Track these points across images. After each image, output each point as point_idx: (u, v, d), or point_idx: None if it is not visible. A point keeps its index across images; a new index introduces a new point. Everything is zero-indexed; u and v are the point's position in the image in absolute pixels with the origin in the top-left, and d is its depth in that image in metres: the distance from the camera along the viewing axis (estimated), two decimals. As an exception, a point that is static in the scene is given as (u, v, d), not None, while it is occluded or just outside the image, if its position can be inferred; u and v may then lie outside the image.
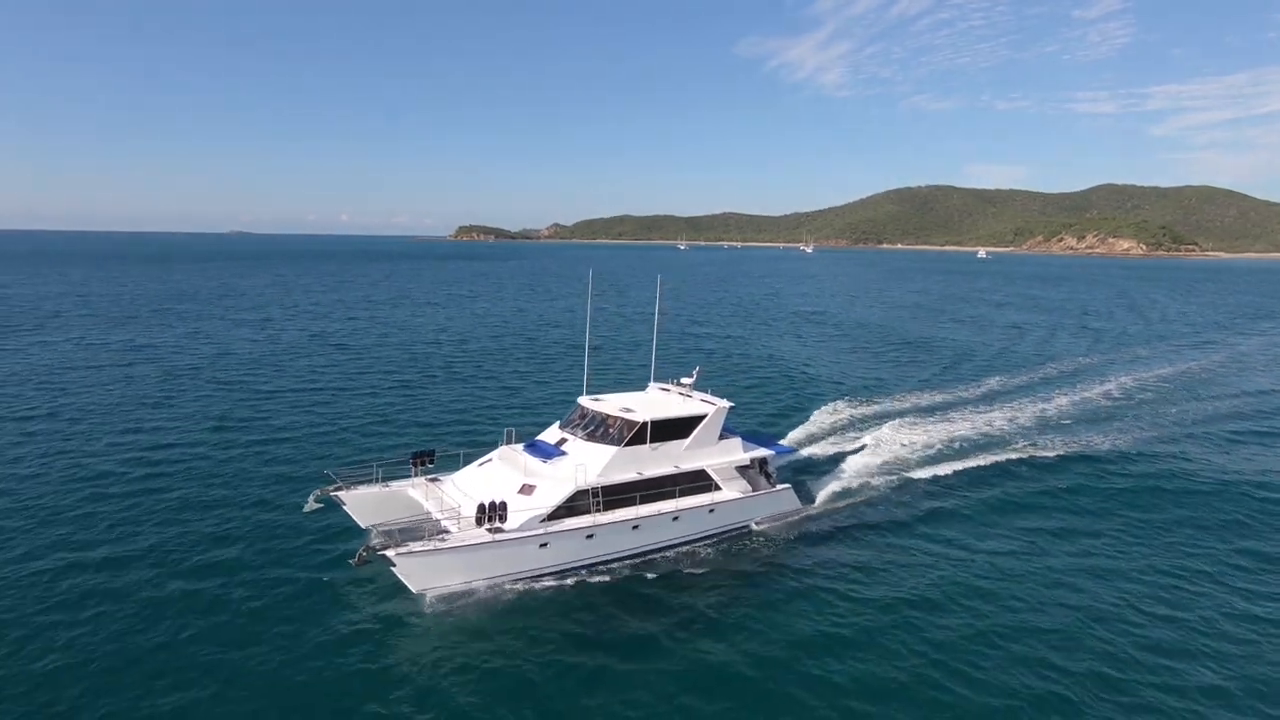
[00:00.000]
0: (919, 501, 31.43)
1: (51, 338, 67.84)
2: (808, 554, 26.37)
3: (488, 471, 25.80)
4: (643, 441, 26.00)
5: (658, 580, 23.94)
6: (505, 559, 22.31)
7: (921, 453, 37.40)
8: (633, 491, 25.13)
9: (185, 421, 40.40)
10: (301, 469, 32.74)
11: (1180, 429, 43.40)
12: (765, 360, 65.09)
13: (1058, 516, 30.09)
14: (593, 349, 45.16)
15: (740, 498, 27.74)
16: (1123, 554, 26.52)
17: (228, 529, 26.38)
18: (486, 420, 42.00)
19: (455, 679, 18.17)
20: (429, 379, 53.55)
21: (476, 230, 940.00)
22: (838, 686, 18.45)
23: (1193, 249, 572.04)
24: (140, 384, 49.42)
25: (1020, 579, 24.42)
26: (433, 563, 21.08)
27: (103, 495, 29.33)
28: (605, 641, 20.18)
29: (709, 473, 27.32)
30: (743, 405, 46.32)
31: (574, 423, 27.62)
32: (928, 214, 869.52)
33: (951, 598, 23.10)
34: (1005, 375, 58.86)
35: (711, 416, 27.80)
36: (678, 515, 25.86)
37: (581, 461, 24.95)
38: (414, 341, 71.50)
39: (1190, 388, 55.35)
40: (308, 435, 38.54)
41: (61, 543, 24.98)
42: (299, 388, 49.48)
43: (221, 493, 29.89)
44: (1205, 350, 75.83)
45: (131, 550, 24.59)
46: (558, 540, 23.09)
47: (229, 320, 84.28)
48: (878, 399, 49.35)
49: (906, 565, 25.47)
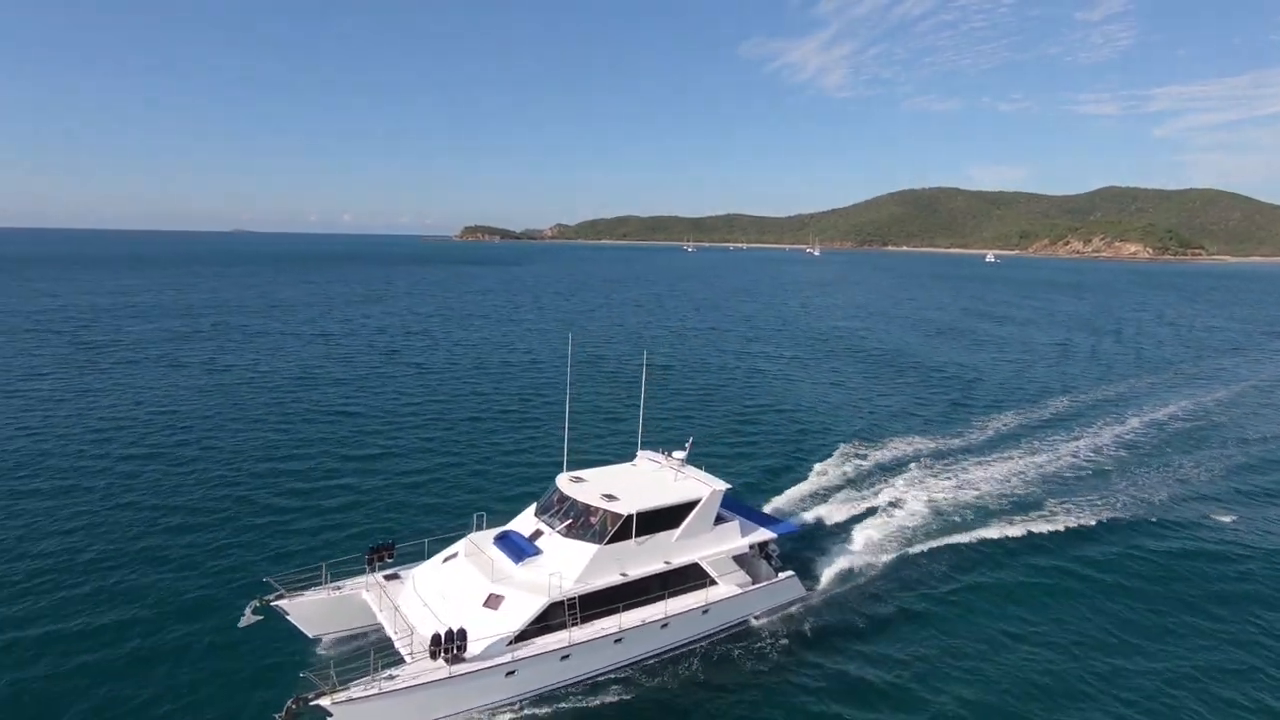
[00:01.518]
0: (940, 583, 28.39)
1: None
2: (812, 655, 23.39)
3: (451, 571, 22.78)
4: (628, 536, 22.99)
5: (638, 701, 20.95)
6: (465, 695, 19.28)
7: (945, 517, 34.27)
8: (616, 599, 22.11)
9: (103, 498, 33.89)
10: (238, 571, 27.25)
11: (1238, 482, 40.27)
12: (772, 394, 61.92)
13: (1112, 603, 27.03)
14: (574, 413, 39.25)
15: (738, 593, 24.69)
16: (1197, 653, 23.43)
17: (142, 649, 22.41)
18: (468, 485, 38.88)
19: None
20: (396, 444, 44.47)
21: (482, 230, 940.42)
22: None
23: (1199, 253, 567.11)
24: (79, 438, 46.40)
25: (1058, 687, 21.38)
26: (379, 708, 18.04)
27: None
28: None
29: (703, 566, 24.29)
30: (743, 454, 43.41)
31: (551, 509, 24.58)
32: (932, 216, 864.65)
33: (969, 693, 20.14)
34: (1040, 409, 55.71)
35: (706, 501, 24.75)
36: (667, 622, 22.81)
37: (557, 566, 21.93)
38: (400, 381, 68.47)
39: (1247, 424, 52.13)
40: (246, 523, 31.46)
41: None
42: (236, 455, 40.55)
43: (138, 602, 24.87)
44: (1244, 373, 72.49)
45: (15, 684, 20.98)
46: (527, 666, 20.06)
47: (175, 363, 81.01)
48: (896, 442, 46.12)
49: (925, 666, 22.48)
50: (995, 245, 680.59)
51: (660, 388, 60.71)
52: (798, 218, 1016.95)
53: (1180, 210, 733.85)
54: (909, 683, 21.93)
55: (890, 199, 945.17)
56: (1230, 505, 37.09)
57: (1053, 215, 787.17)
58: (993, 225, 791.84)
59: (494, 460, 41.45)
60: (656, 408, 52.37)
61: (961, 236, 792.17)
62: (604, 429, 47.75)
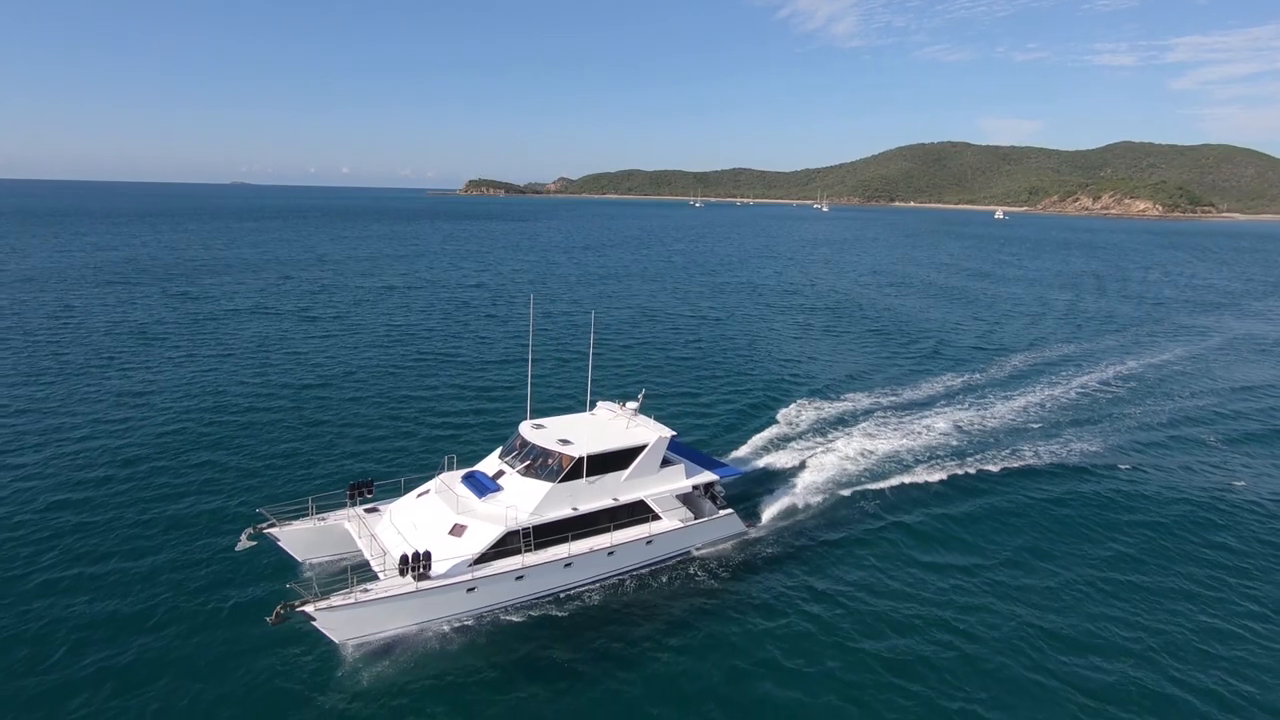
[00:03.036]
0: (871, 520, 31.54)
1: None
2: (745, 582, 26.58)
3: (423, 505, 25.90)
4: (579, 476, 26.01)
5: (586, 617, 24.21)
6: (430, 606, 22.53)
7: (886, 464, 37.24)
8: (566, 529, 25.23)
9: (106, 446, 36.80)
10: (234, 500, 31.05)
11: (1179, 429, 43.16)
12: (752, 351, 64.69)
13: (1022, 534, 30.16)
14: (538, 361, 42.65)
15: (680, 527, 27.82)
16: (1088, 583, 26.56)
17: (153, 568, 25.88)
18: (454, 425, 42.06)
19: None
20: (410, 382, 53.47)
21: (486, 185, 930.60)
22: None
23: (1209, 210, 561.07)
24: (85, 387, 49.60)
25: (971, 608, 24.58)
26: (355, 615, 21.30)
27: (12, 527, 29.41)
28: (529, 682, 20.55)
29: (648, 503, 27.37)
30: (706, 406, 46.37)
31: (514, 452, 27.59)
32: (941, 171, 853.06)
33: (884, 625, 23.38)
34: (1000, 367, 58.48)
35: (652, 447, 27.72)
36: (613, 550, 25.99)
37: (514, 500, 25.02)
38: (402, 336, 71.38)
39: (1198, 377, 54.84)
40: (242, 463, 35.12)
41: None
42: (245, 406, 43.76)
43: (148, 531, 28.38)
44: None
45: (40, 600, 24.19)
46: (486, 584, 23.28)
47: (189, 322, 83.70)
48: (856, 396, 49.05)
49: (846, 591, 25.67)
50: (1004, 202, 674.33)
51: (668, 350, 63.57)
52: (804, 172, 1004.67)
53: (1194, 166, 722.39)
54: (832, 610, 24.97)
55: (898, 153, 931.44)
56: (1144, 454, 39.97)
57: (1064, 171, 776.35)
58: (1002, 181, 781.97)
59: (467, 410, 44.98)
60: (659, 368, 55.36)
61: (970, 192, 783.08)
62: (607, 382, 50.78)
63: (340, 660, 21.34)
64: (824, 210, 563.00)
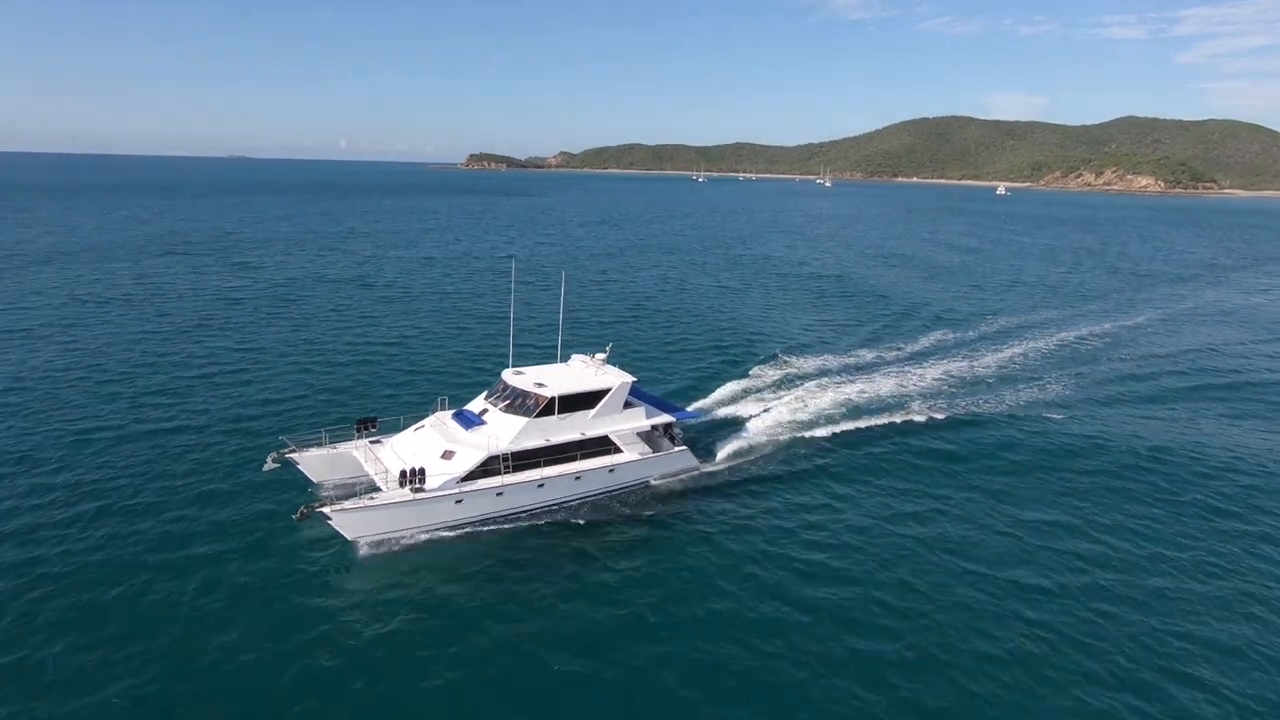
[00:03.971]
0: (809, 459, 36.26)
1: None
2: (692, 506, 31.35)
3: (419, 437, 30.66)
4: (552, 413, 30.70)
5: (555, 529, 29.02)
6: (424, 513, 27.36)
7: (835, 414, 41.91)
8: (539, 456, 29.99)
9: (158, 389, 43.69)
10: (264, 431, 36.94)
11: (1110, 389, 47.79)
12: (726, 317, 69.26)
13: (934, 476, 34.83)
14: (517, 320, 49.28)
15: (638, 459, 32.56)
16: (991, 513, 31.21)
17: (198, 485, 31.18)
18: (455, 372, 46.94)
19: (380, 607, 23.41)
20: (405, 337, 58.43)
21: (488, 159, 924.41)
22: (687, 620, 23.54)
23: (1211, 186, 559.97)
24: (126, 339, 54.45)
25: (874, 535, 29.29)
26: (363, 517, 26.15)
27: (88, 441, 34.78)
28: (503, 577, 25.36)
29: (611, 438, 32.08)
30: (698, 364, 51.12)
31: (497, 394, 32.28)
32: (944, 146, 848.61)
33: (812, 545, 28.15)
34: (960, 333, 63.03)
35: (615, 390, 32.38)
36: (579, 475, 30.78)
37: (496, 431, 29.75)
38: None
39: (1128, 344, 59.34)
40: (271, 400, 42.27)
41: (39, 488, 30.28)
42: (281, 350, 53.02)
43: (192, 455, 34.20)
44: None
45: (107, 496, 29.89)
46: (471, 498, 28.10)
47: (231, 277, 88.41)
48: (814, 357, 53.69)
49: (782, 514, 30.41)
50: (1007, 177, 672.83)
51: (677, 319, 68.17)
52: (807, 147, 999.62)
53: (1198, 142, 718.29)
54: (767, 530, 29.66)
55: (901, 128, 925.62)
56: (1080, 407, 44.60)
57: (1068, 146, 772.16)
58: (1006, 156, 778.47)
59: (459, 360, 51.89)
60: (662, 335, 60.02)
61: (973, 168, 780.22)
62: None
63: (352, 555, 26.21)
64: (827, 186, 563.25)
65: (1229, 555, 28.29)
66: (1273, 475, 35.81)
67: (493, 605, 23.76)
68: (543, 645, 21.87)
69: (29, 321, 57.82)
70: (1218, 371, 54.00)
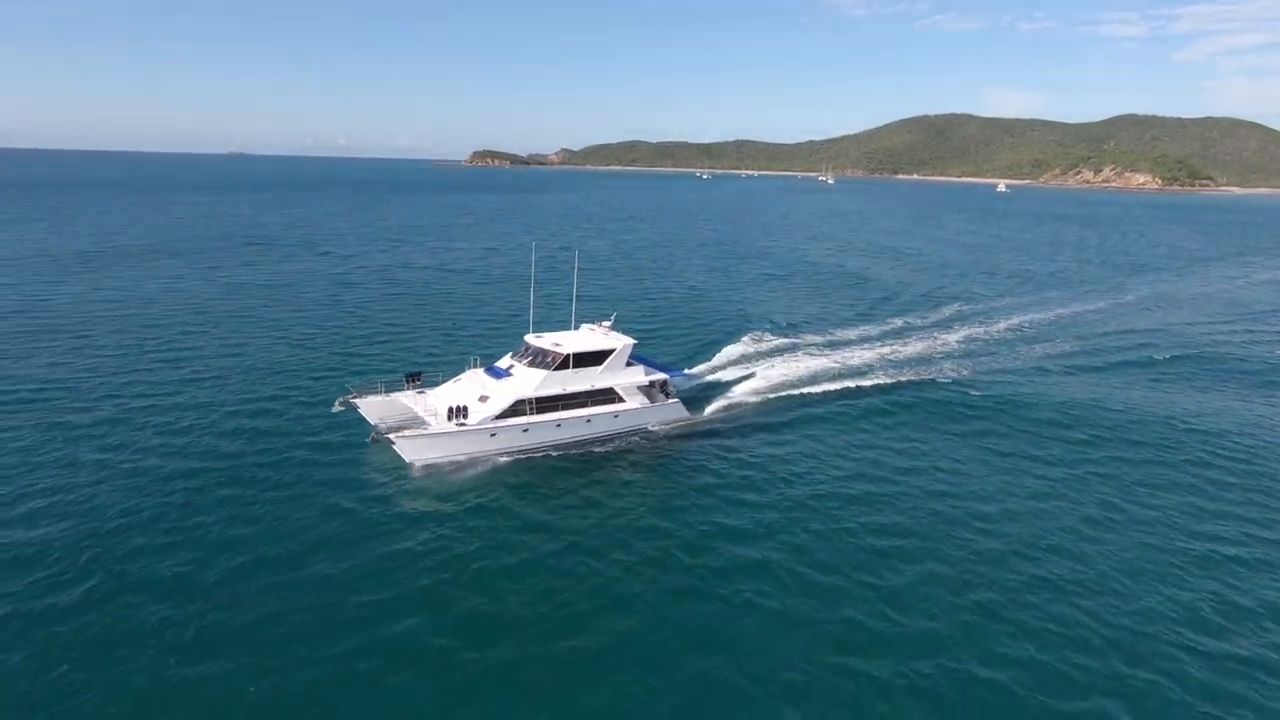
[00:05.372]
0: (786, 412, 42.85)
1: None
2: (682, 447, 37.91)
3: (459, 386, 37.29)
4: (567, 367, 37.29)
5: (572, 461, 35.60)
6: (467, 442, 34.00)
7: (815, 377, 48.69)
8: (558, 401, 36.60)
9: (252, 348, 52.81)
10: (331, 384, 44.52)
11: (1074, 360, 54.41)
12: (720, 295, 75.90)
13: (896, 429, 41.23)
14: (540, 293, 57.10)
15: (639, 408, 39.18)
16: (957, 462, 37.71)
17: (284, 417, 38.67)
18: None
19: (434, 512, 29.99)
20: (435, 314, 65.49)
21: (492, 155, 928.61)
22: (678, 524, 30.11)
23: (1207, 183, 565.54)
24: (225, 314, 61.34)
25: (826, 474, 35.86)
26: (419, 444, 32.80)
27: (197, 379, 41.91)
28: (531, 496, 31.87)
29: (616, 390, 38.66)
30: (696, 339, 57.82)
31: (521, 353, 38.88)
32: (944, 143, 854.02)
33: (775, 479, 34.67)
34: (934, 314, 69.60)
35: (619, 350, 38.98)
36: (590, 419, 37.40)
37: (522, 381, 36.37)
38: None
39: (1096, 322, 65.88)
40: (337, 354, 52.49)
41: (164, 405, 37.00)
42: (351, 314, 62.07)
43: (280, 395, 42.60)
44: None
45: (213, 416, 37.20)
46: (503, 432, 34.73)
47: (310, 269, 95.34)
48: (796, 334, 60.33)
49: (758, 453, 36.94)
50: (1007, 174, 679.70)
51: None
52: (808, 144, 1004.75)
53: (1197, 140, 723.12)
54: (745, 466, 35.99)
55: (902, 125, 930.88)
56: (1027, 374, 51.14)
57: (1067, 144, 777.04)
58: (1005, 153, 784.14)
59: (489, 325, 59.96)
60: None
61: (974, 165, 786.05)
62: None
63: (409, 474, 32.85)
64: (830, 183, 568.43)
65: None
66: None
67: (522, 515, 30.17)
68: (559, 546, 28.06)
69: (186, 304, 65.18)
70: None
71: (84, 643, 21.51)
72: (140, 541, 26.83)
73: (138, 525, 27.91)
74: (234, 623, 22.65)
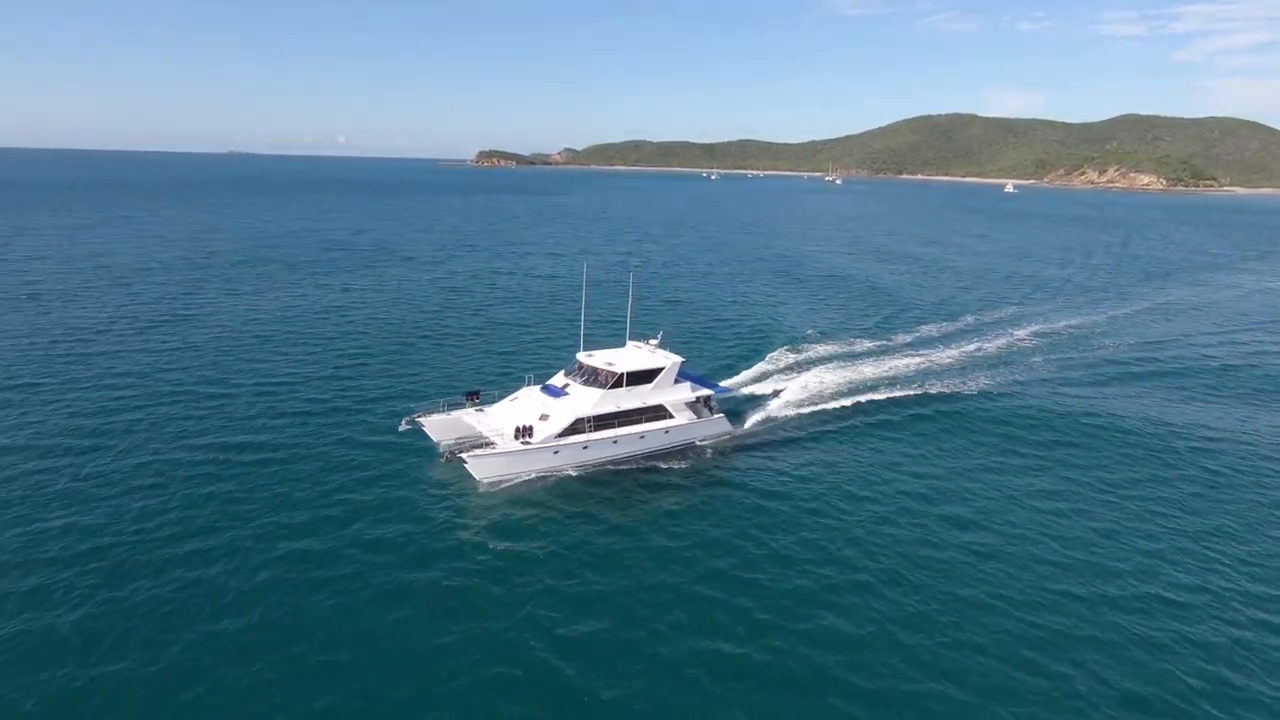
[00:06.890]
0: (826, 424, 44.57)
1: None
2: (730, 461, 39.62)
3: (516, 405, 38.99)
4: (621, 386, 38.96)
5: (629, 475, 37.33)
6: (532, 460, 35.70)
7: (849, 390, 50.47)
8: (614, 419, 38.29)
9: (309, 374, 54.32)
10: (394, 404, 46.48)
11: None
12: (757, 310, 77.57)
13: (925, 441, 42.95)
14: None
15: (688, 423, 40.87)
16: (1009, 475, 39.48)
17: (352, 440, 39.97)
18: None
19: (502, 524, 31.71)
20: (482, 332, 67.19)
21: (497, 155, 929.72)
22: (731, 532, 31.80)
23: (1211, 184, 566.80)
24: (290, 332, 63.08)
25: (872, 487, 37.52)
26: (489, 462, 34.51)
27: (281, 410, 43.35)
28: (593, 509, 33.58)
29: (666, 406, 40.34)
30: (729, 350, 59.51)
31: (574, 372, 40.57)
32: (947, 143, 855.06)
33: (825, 492, 36.33)
34: (956, 323, 71.28)
35: (669, 368, 40.66)
36: (644, 435, 39.10)
37: (579, 399, 38.05)
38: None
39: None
40: (402, 375, 53.25)
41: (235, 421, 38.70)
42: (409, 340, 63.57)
43: (344, 418, 43.75)
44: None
45: (284, 440, 38.66)
46: (564, 449, 36.44)
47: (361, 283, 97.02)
48: (823, 345, 62.01)
49: (798, 467, 38.65)
50: (1011, 174, 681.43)
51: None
52: (811, 145, 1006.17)
53: (1198, 139, 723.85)
54: (787, 477, 37.86)
55: (906, 126, 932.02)
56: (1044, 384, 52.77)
57: (1070, 144, 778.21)
58: (1009, 154, 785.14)
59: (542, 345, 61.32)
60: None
61: (978, 165, 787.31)
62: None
63: (477, 490, 34.56)
64: (837, 184, 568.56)
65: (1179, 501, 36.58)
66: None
67: (586, 528, 31.91)
68: (620, 554, 29.89)
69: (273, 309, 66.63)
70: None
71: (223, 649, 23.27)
72: (266, 575, 28.58)
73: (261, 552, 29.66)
74: (351, 629, 24.44)
